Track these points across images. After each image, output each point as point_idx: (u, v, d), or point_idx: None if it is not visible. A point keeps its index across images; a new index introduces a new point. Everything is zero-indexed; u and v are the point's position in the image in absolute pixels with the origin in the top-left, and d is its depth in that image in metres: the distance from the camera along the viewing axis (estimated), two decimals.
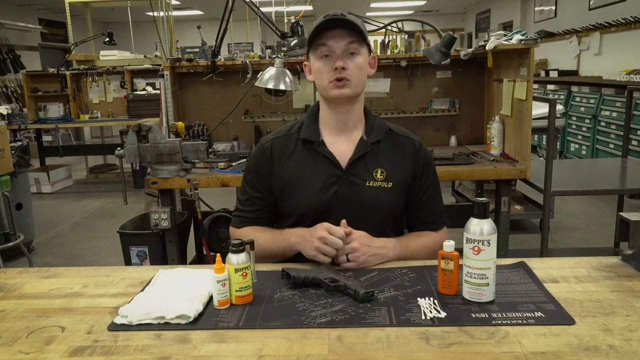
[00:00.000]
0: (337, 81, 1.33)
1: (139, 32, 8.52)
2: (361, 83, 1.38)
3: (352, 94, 1.36)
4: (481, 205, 1.06)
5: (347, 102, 1.39)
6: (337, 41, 1.32)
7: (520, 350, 0.90)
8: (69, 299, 1.17)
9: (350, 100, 1.38)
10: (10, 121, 5.70)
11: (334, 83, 1.34)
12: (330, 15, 1.32)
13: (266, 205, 1.49)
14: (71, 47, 6.15)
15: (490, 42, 2.49)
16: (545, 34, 8.10)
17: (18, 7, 9.66)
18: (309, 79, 1.44)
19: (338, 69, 1.32)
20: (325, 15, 1.33)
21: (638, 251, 1.23)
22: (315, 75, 1.39)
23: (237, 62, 2.97)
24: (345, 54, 1.33)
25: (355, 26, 1.31)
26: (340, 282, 1.14)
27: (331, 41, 1.33)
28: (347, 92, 1.35)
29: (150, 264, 2.76)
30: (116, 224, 3.08)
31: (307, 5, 4.33)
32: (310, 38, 1.35)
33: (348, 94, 1.36)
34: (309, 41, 1.36)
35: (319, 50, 1.35)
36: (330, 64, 1.34)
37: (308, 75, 1.44)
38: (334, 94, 1.35)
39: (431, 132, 3.19)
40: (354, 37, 1.33)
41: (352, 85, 1.35)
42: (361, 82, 1.38)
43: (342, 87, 1.34)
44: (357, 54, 1.34)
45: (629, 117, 3.24)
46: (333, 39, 1.32)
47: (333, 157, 1.41)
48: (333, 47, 1.33)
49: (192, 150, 2.46)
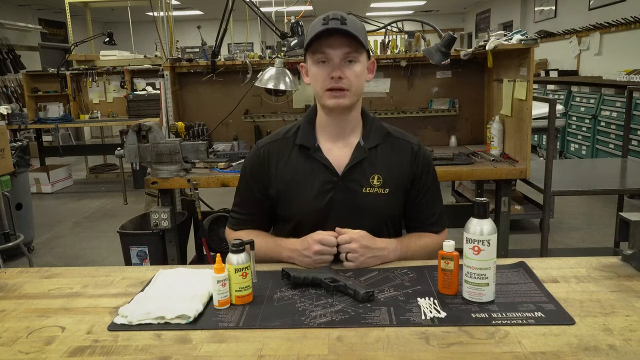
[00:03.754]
0: (333, 91, 1.30)
1: (139, 32, 8.52)
2: (359, 91, 1.35)
3: (348, 103, 1.34)
4: (481, 205, 1.06)
5: (343, 111, 1.37)
6: (335, 49, 1.28)
7: (520, 350, 0.90)
8: (69, 299, 1.17)
9: (347, 108, 1.36)
10: (10, 121, 5.70)
11: (330, 93, 1.31)
12: (330, 18, 1.28)
13: (262, 209, 1.48)
14: (71, 47, 6.15)
15: (490, 42, 2.49)
16: (545, 34, 8.10)
17: (18, 7, 9.66)
18: (306, 82, 1.40)
19: (335, 78, 1.29)
20: (324, 18, 1.29)
21: (638, 251, 1.23)
22: (312, 80, 1.36)
23: (237, 62, 2.97)
24: (344, 62, 1.30)
25: (354, 36, 1.27)
26: (340, 282, 1.15)
27: (329, 49, 1.29)
28: (343, 102, 1.32)
29: (150, 264, 2.76)
30: (116, 224, 3.08)
31: (307, 5, 4.33)
32: (307, 42, 1.31)
33: (345, 104, 1.33)
34: (306, 44, 1.32)
35: (316, 56, 1.31)
36: (327, 70, 1.30)
37: (305, 77, 1.40)
38: (330, 104, 1.33)
39: (431, 132, 3.19)
40: (353, 45, 1.29)
41: (349, 95, 1.32)
42: (359, 90, 1.35)
43: (339, 97, 1.31)
44: (356, 62, 1.31)
45: (629, 117, 3.23)
46: (331, 47, 1.28)
47: (329, 163, 1.39)
48: (330, 55, 1.29)
49: (192, 150, 2.46)
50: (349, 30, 1.26)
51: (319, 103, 1.40)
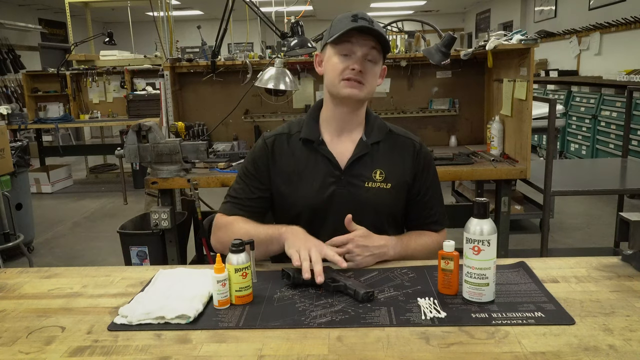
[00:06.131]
0: (350, 80, 1.33)
1: (139, 32, 8.51)
2: (372, 90, 1.39)
3: (362, 96, 1.37)
4: (481, 205, 1.06)
5: (354, 103, 1.39)
6: (362, 45, 1.33)
7: (520, 350, 0.90)
8: (69, 299, 1.17)
9: (357, 102, 1.39)
10: (10, 121, 5.70)
11: (347, 82, 1.34)
12: (359, 17, 1.32)
13: (259, 198, 1.45)
14: (71, 47, 6.15)
15: (490, 42, 2.49)
16: (545, 34, 8.09)
17: (18, 7, 9.66)
18: (318, 71, 1.42)
19: (355, 70, 1.32)
20: (353, 16, 1.33)
21: (638, 251, 1.23)
22: (328, 69, 1.37)
23: (237, 62, 2.97)
24: (365, 59, 1.34)
25: (383, 38, 1.32)
26: (340, 282, 1.14)
27: (355, 45, 1.33)
28: (358, 93, 1.35)
29: (150, 264, 2.76)
30: (116, 224, 3.08)
31: (307, 5, 4.33)
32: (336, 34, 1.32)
33: (359, 96, 1.36)
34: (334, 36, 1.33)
35: (341, 46, 1.34)
36: (348, 62, 1.33)
37: (317, 67, 1.43)
38: (344, 92, 1.35)
39: (431, 132, 3.19)
40: (378, 47, 1.34)
41: (364, 89, 1.35)
42: (372, 89, 1.39)
43: (355, 88, 1.34)
44: (375, 63, 1.36)
45: (629, 117, 3.23)
46: (358, 43, 1.33)
47: (332, 156, 1.41)
48: (356, 48, 1.33)
49: (192, 150, 2.46)
50: (380, 32, 1.31)
51: (330, 93, 1.41)
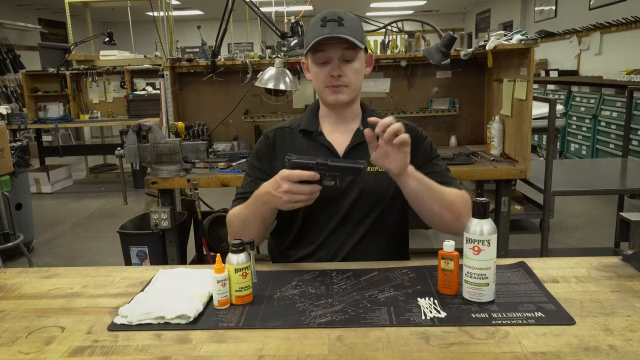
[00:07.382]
0: (333, 87, 1.37)
1: (139, 32, 8.51)
2: (357, 87, 1.42)
3: (348, 99, 1.40)
4: (481, 205, 1.06)
5: (343, 106, 1.45)
6: (335, 49, 1.34)
7: (520, 351, 0.90)
8: (68, 299, 1.17)
9: (346, 104, 1.43)
10: (10, 121, 5.70)
11: (331, 89, 1.38)
12: (328, 19, 1.33)
13: None
14: (71, 47, 6.15)
15: (490, 42, 2.49)
16: (545, 34, 8.09)
17: (18, 7, 9.66)
18: (307, 77, 1.47)
19: (335, 77, 1.36)
20: (322, 19, 1.34)
21: (638, 251, 1.23)
22: (313, 77, 1.43)
23: (237, 62, 2.97)
24: (342, 60, 1.36)
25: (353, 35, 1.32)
26: (330, 163, 1.18)
27: (327, 52, 1.35)
28: (343, 97, 1.39)
29: (150, 264, 2.76)
30: (116, 224, 3.08)
31: (307, 5, 4.33)
32: (307, 46, 1.37)
33: (344, 100, 1.40)
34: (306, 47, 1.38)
35: (317, 56, 1.37)
36: (327, 69, 1.37)
37: (306, 73, 1.48)
38: (330, 100, 1.40)
39: (431, 132, 3.19)
40: (351, 44, 1.34)
41: (348, 90, 1.39)
42: (358, 85, 1.42)
43: (339, 93, 1.38)
44: (353, 60, 1.37)
45: (629, 117, 3.23)
46: (331, 49, 1.34)
47: (331, 145, 1.45)
48: (330, 54, 1.35)
49: (192, 150, 2.46)
50: (344, 36, 1.32)
51: (320, 98, 1.48)
